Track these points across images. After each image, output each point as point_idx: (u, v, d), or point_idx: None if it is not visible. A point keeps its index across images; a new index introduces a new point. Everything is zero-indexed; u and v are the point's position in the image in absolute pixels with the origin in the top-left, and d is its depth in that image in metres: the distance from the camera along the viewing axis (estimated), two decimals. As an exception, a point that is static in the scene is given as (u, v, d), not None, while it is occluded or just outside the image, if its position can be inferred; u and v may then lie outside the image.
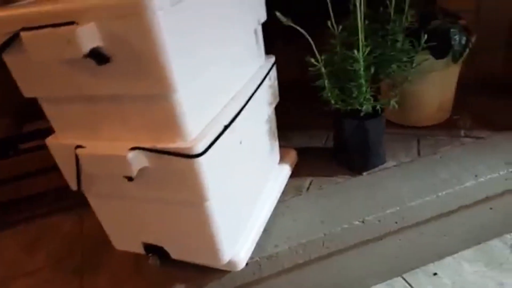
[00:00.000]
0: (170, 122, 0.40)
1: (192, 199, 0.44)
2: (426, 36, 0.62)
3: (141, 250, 0.53)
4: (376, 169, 0.72)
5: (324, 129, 0.88)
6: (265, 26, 0.61)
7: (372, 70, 0.61)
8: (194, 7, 0.40)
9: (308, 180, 0.73)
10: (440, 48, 0.70)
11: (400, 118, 0.84)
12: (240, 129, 0.51)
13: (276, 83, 0.66)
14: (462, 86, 0.84)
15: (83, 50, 0.35)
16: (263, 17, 0.60)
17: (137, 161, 0.41)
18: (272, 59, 0.65)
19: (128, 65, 0.37)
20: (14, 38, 0.38)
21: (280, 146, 0.72)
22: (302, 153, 0.78)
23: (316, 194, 0.69)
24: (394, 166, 0.72)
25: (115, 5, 0.34)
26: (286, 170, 0.72)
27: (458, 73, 0.81)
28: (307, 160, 0.78)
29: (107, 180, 0.46)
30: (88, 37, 0.35)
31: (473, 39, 0.73)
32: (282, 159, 0.73)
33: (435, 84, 0.79)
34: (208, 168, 0.43)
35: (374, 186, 0.68)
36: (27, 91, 0.43)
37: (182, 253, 0.52)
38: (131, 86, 0.38)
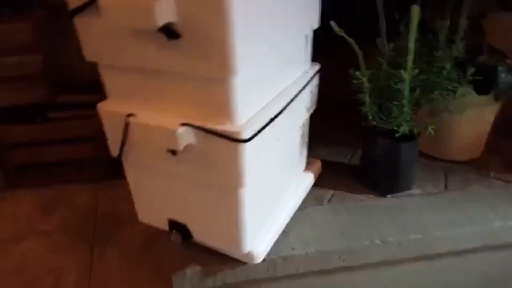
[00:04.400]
0: (223, 104, 0.41)
1: (229, 183, 0.44)
2: (473, 69, 0.62)
3: (164, 226, 0.54)
4: (402, 193, 0.71)
5: (350, 146, 0.88)
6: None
7: (417, 92, 0.61)
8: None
9: (330, 193, 0.73)
10: (484, 84, 0.70)
11: (430, 148, 0.83)
12: (281, 127, 0.52)
13: (316, 90, 0.67)
14: (498, 128, 0.83)
15: (158, 23, 0.36)
16: (315, 24, 0.61)
17: (185, 136, 0.42)
18: (317, 66, 0.66)
19: (196, 45, 0.38)
20: (91, 2, 0.39)
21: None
22: (326, 166, 0.77)
23: (337, 207, 0.68)
24: (420, 194, 0.71)
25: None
26: (310, 178, 0.72)
27: (496, 112, 0.80)
28: (331, 174, 0.77)
29: (150, 151, 0.47)
30: (165, 11, 0.36)
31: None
32: (307, 167, 0.73)
33: (471, 120, 0.78)
34: (250, 156, 0.43)
35: (398, 209, 0.67)
36: (90, 55, 0.44)
37: (205, 236, 0.53)
38: (194, 66, 0.39)
